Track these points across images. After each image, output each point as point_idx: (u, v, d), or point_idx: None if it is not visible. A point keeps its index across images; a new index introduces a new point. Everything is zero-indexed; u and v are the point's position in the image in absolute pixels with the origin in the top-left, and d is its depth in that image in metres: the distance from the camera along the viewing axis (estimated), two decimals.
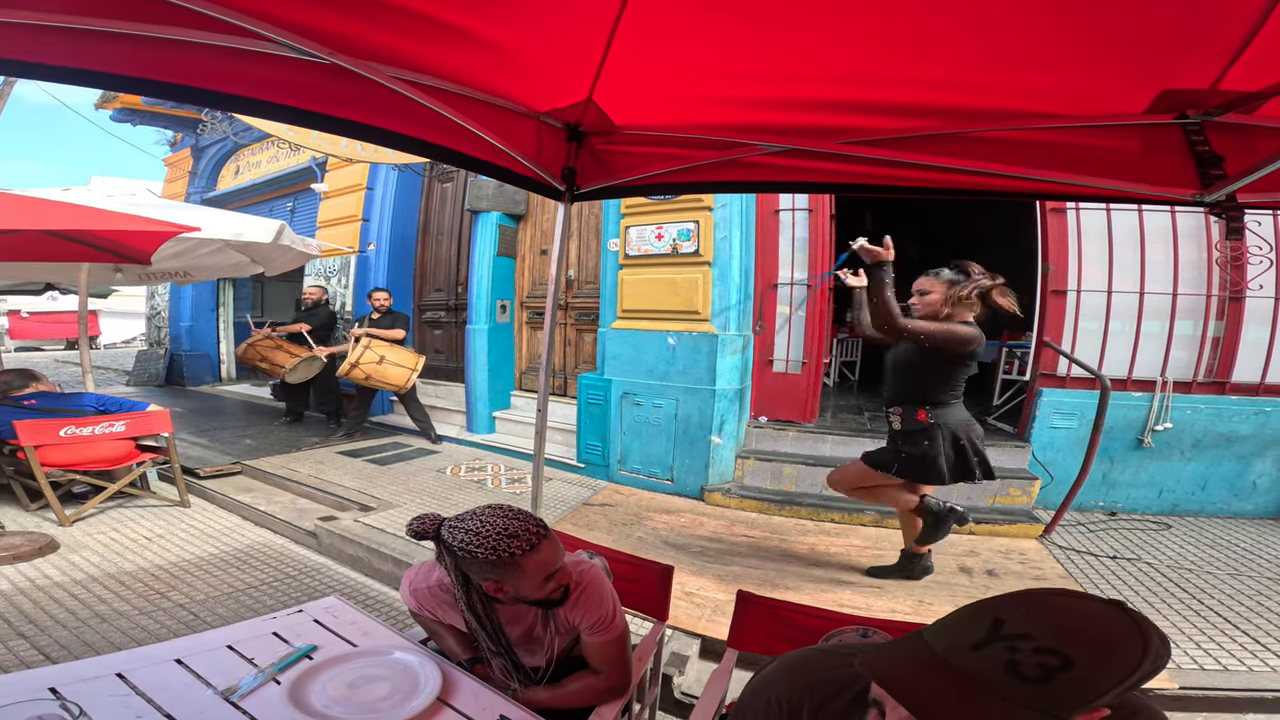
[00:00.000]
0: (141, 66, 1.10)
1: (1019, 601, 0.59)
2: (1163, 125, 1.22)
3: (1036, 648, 0.53)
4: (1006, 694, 0.52)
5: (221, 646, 1.09)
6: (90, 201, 3.10)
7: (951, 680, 0.55)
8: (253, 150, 7.91)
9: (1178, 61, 1.07)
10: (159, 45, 1.07)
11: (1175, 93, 1.14)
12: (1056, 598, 0.58)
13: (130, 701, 0.90)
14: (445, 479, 4.07)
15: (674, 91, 1.50)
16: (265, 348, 5.20)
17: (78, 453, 3.18)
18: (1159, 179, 1.31)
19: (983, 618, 0.58)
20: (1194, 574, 2.79)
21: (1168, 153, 1.26)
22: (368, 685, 1.04)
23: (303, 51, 1.14)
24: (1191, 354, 3.63)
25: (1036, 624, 0.55)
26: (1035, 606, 0.57)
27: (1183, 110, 1.18)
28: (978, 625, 0.57)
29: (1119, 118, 1.24)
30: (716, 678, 1.36)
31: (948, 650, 0.57)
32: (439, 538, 1.06)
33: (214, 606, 2.35)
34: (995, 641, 0.55)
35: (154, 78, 1.12)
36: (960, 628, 0.59)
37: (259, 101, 1.26)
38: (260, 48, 1.13)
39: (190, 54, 1.11)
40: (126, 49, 1.06)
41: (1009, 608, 0.58)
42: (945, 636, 0.59)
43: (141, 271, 4.47)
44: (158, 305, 9.07)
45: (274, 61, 1.18)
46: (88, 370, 4.08)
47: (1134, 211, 3.61)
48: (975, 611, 0.60)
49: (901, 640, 0.64)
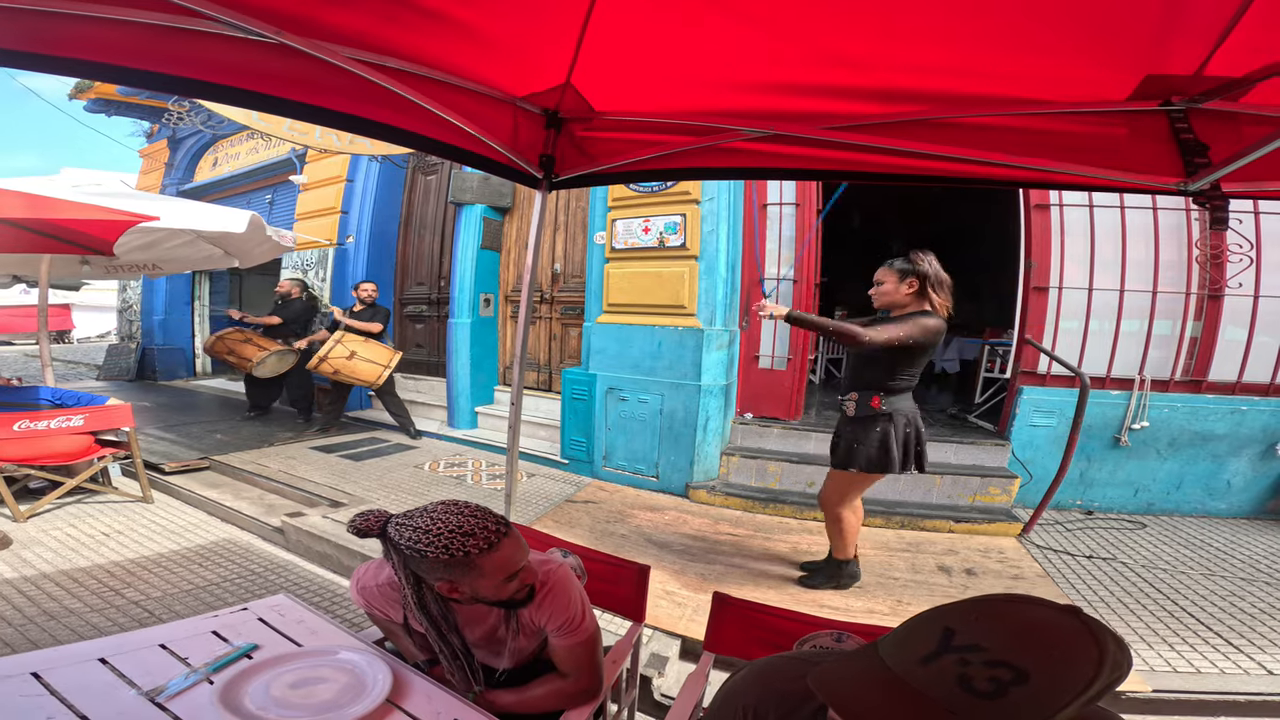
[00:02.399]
0: (86, 48, 1.05)
1: (970, 609, 0.55)
2: (1147, 112, 1.20)
3: (988, 660, 0.49)
4: (960, 711, 0.48)
5: (153, 645, 1.01)
6: (52, 191, 2.98)
7: (901, 696, 0.52)
8: (231, 142, 7.72)
9: (1162, 47, 1.05)
10: (101, 25, 1.02)
11: (1159, 78, 1.11)
12: (1008, 605, 0.55)
13: (44, 703, 0.83)
14: (423, 475, 3.97)
15: (654, 75, 1.47)
16: (233, 341, 5.06)
17: (33, 447, 3.05)
18: (1143, 167, 1.29)
19: (933, 627, 0.54)
20: (1168, 574, 2.81)
21: (1152, 140, 1.24)
22: (311, 686, 0.98)
23: (249, 31, 1.08)
24: (1169, 353, 3.66)
25: (988, 634, 0.51)
26: (986, 615, 0.54)
27: (1167, 97, 1.15)
28: (928, 636, 0.54)
29: (1103, 104, 1.21)
30: (693, 681, 1.32)
31: (899, 663, 0.54)
32: (385, 535, 1.00)
33: (170, 604, 2.26)
34: (946, 653, 0.51)
35: (100, 60, 1.07)
36: (911, 639, 0.56)
37: (211, 84, 1.20)
38: (207, 27, 1.06)
39: (135, 35, 1.05)
40: (74, 31, 1.01)
41: (959, 616, 0.54)
42: (897, 648, 0.56)
43: (109, 264, 4.32)
44: (129, 298, 8.82)
45: (224, 43, 1.12)
46: (47, 364, 3.93)
47: (1116, 209, 3.63)
48: (926, 620, 0.57)
49: (854, 653, 0.61)
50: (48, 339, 4.01)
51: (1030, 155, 1.34)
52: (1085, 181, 1.40)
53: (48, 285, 4.03)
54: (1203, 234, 3.54)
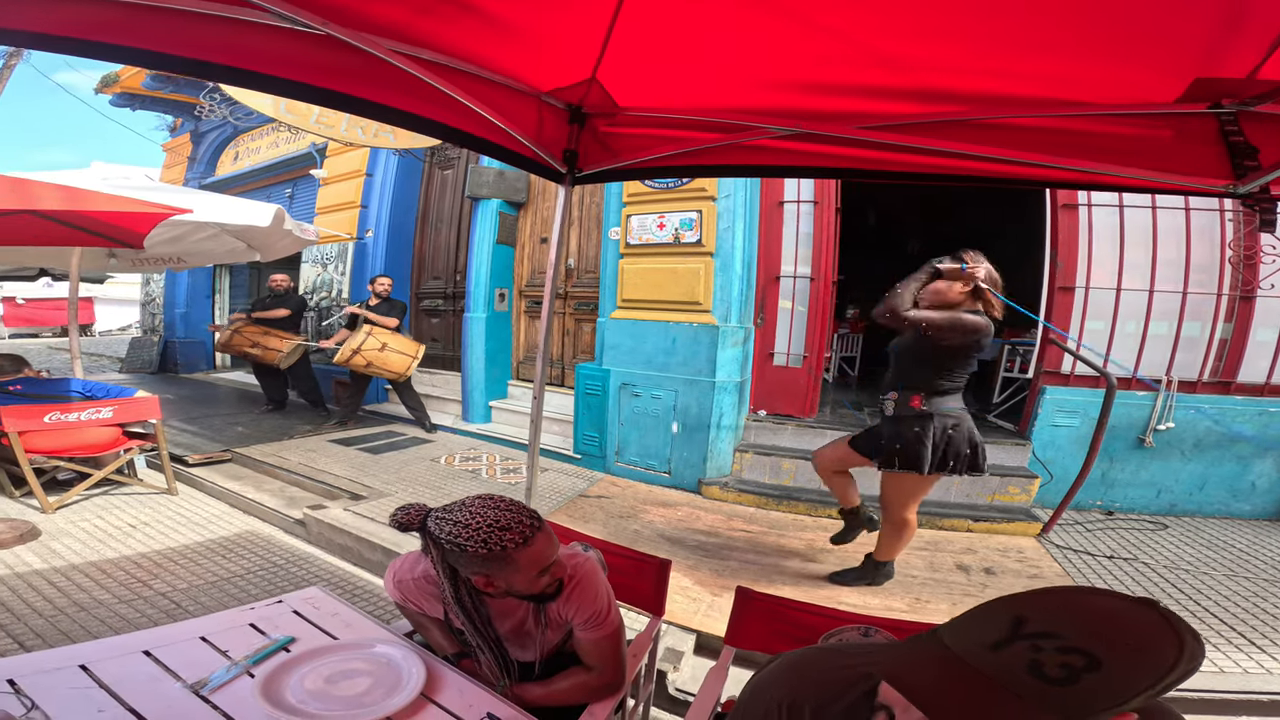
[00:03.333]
0: (137, 36, 1.07)
1: (1042, 599, 0.55)
2: (1196, 115, 1.18)
3: (1061, 647, 0.49)
4: (1028, 695, 0.48)
5: (194, 638, 1.04)
6: (85, 184, 3.03)
7: (969, 681, 0.51)
8: (252, 136, 7.79)
9: (1213, 50, 1.03)
10: (155, 14, 1.04)
11: (1210, 81, 1.09)
12: (1083, 595, 0.55)
13: (92, 695, 0.85)
14: (439, 468, 4.02)
15: (682, 72, 1.46)
16: (253, 334, 5.13)
17: (63, 439, 3.12)
18: (1190, 169, 1.27)
19: (1003, 616, 0.54)
20: (1191, 574, 2.77)
21: (1200, 143, 1.22)
22: (347, 679, 1.00)
23: (296, 21, 1.09)
24: (1198, 354, 3.59)
25: (1061, 622, 0.51)
26: (1060, 604, 0.53)
27: (1217, 100, 1.13)
28: (998, 623, 0.54)
29: (1149, 106, 1.19)
30: (713, 675, 1.32)
31: (965, 650, 0.53)
32: (425, 529, 1.01)
33: (197, 596, 2.30)
34: (1016, 641, 0.51)
35: (150, 48, 1.09)
36: (979, 626, 0.55)
37: (255, 74, 1.22)
38: (255, 17, 1.08)
39: (185, 23, 1.07)
40: (121, 17, 1.03)
41: (1031, 605, 0.54)
42: (962, 635, 0.55)
43: (135, 257, 4.38)
44: (152, 292, 8.97)
45: (270, 33, 1.14)
46: (76, 356, 4.01)
47: (1147, 209, 3.56)
48: (994, 609, 0.56)
49: (915, 639, 0.60)
50: (77, 332, 4.09)
51: (1072, 156, 1.32)
52: (1131, 184, 1.38)
53: (80, 278, 4.09)
54: (1236, 235, 3.46)
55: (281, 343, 5.12)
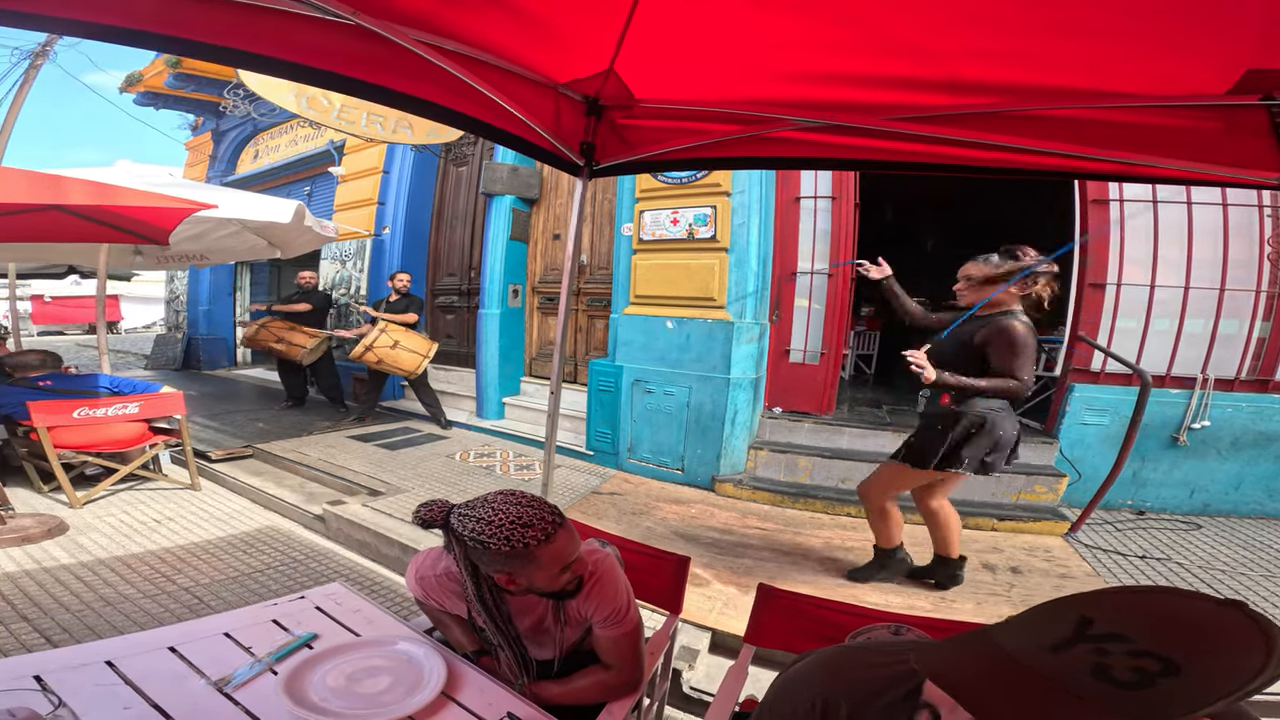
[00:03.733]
0: (172, 24, 1.08)
1: (1110, 598, 0.50)
2: (1246, 107, 1.13)
3: (1133, 650, 0.45)
4: (1093, 699, 0.45)
5: (218, 634, 1.04)
6: (112, 181, 3.08)
7: (1026, 683, 0.48)
8: (271, 134, 7.89)
9: (1267, 41, 0.98)
10: (194, 3, 1.06)
11: (1262, 73, 1.05)
12: (1158, 596, 0.50)
13: (118, 691, 0.85)
14: (454, 464, 4.04)
15: (701, 64, 1.44)
16: (279, 329, 5.20)
17: (90, 434, 3.18)
18: (1236, 161, 1.22)
19: (1066, 616, 0.50)
20: (1227, 575, 2.69)
21: (1249, 135, 1.17)
22: (369, 677, 0.99)
23: (327, 11, 1.11)
24: (1235, 352, 3.48)
25: (1132, 624, 0.47)
26: (1131, 605, 0.49)
27: (1269, 92, 1.08)
28: (1060, 624, 0.50)
29: (1197, 98, 1.15)
30: (733, 674, 1.30)
31: (1021, 650, 0.50)
32: (448, 526, 1.00)
33: (219, 590, 2.34)
34: (1081, 642, 0.47)
35: (185, 35, 1.10)
36: (1038, 626, 0.51)
37: (286, 63, 1.23)
38: (286, 6, 1.10)
39: (219, 11, 1.09)
40: (159, 6, 1.05)
41: (1098, 605, 0.50)
42: (1019, 635, 0.52)
43: (160, 254, 4.47)
44: (177, 289, 9.16)
45: (300, 21, 1.14)
46: (104, 352, 4.09)
47: (1182, 205, 3.44)
48: (1056, 609, 0.52)
49: (964, 638, 0.56)
50: (105, 329, 4.17)
51: (1112, 148, 1.27)
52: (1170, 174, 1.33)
53: (107, 275, 4.17)
54: (1275, 231, 3.33)
55: (307, 339, 5.19)
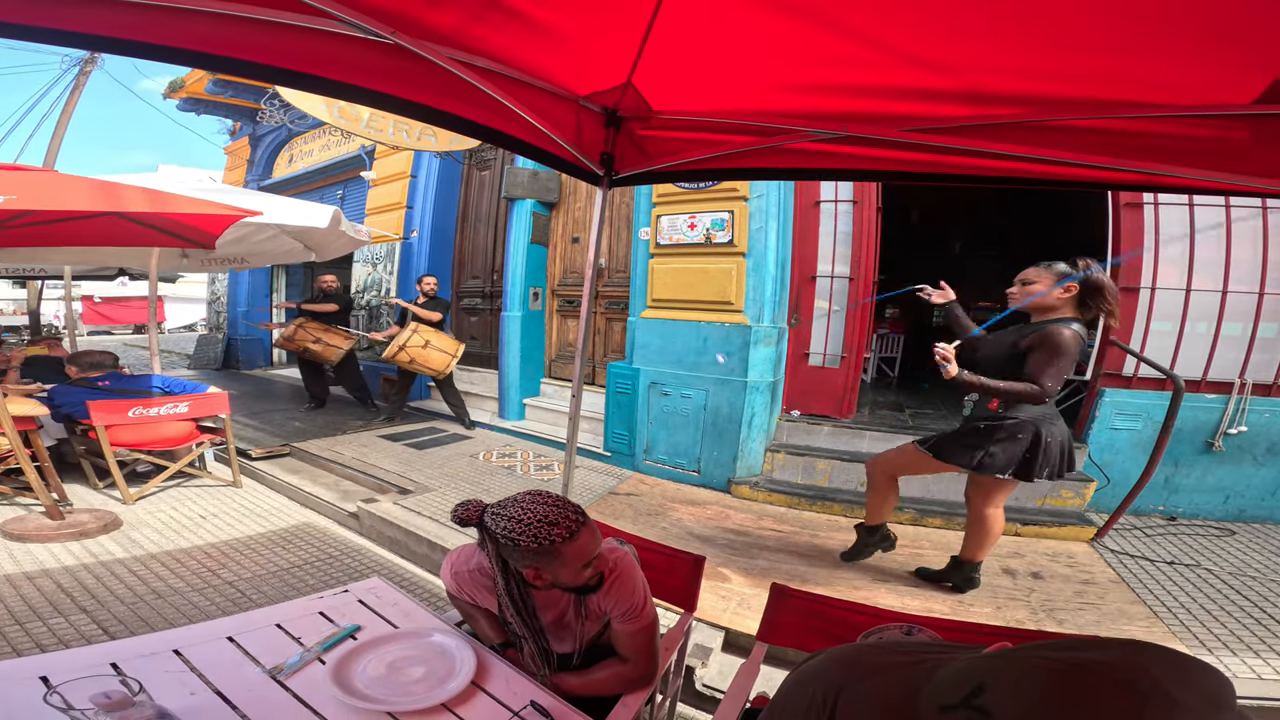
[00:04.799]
0: (221, 44, 1.15)
1: (1015, 670, 0.51)
2: (1274, 116, 1.11)
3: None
4: None
5: (270, 625, 1.14)
6: (159, 187, 3.24)
7: None
8: (305, 139, 8.14)
9: None
10: (238, 24, 1.12)
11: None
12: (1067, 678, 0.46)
13: (185, 678, 0.95)
14: (478, 464, 4.16)
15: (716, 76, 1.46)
16: (316, 330, 5.38)
17: (144, 433, 3.37)
18: (1265, 170, 1.20)
19: (972, 677, 0.52)
20: (1258, 581, 2.63)
21: (1277, 144, 1.15)
22: (407, 667, 1.07)
23: (369, 31, 1.17)
24: (1274, 356, 3.36)
25: (1009, 704, 0.48)
26: (1029, 681, 0.49)
27: None
28: (962, 685, 0.52)
29: (1224, 108, 1.13)
30: (745, 671, 1.34)
31: (928, 699, 0.53)
32: (482, 524, 1.08)
33: (260, 585, 2.47)
34: (963, 709, 0.49)
35: (233, 55, 1.18)
36: (953, 681, 0.54)
37: (327, 80, 1.30)
38: (329, 27, 1.16)
39: (266, 33, 1.15)
40: (207, 27, 1.11)
41: (1000, 674, 0.51)
42: (939, 685, 0.55)
43: (205, 257, 4.66)
44: (218, 291, 9.53)
45: (341, 41, 1.21)
46: (155, 353, 4.30)
47: (1220, 208, 3.34)
48: (971, 668, 0.54)
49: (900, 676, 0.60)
50: (156, 330, 4.39)
51: (1135, 159, 1.26)
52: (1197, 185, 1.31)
53: (157, 278, 4.38)
54: None
55: (342, 340, 5.39)
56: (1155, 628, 2.24)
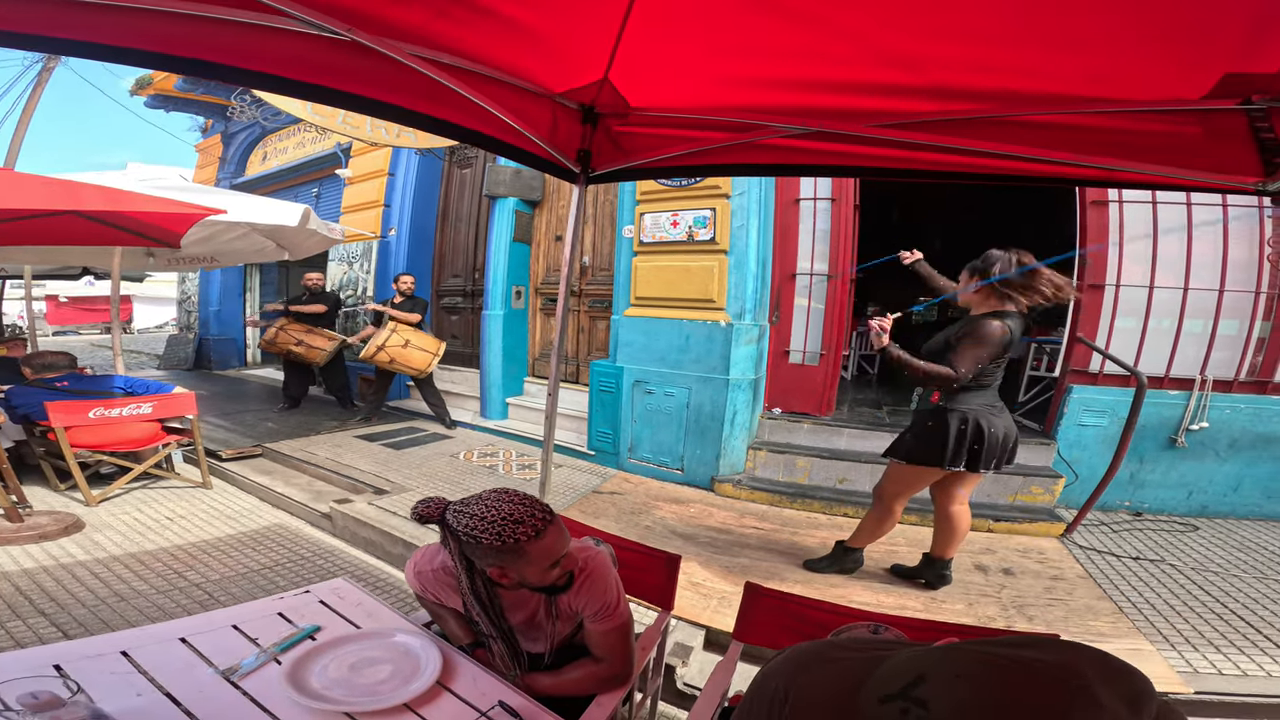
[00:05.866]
0: (175, 44, 1.12)
1: (955, 663, 0.52)
2: (1225, 111, 1.14)
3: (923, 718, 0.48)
4: None
5: (227, 626, 1.10)
6: (124, 185, 3.15)
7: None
8: (280, 136, 7.99)
9: (1244, 45, 1.00)
10: (191, 23, 1.08)
11: (1240, 77, 1.06)
12: (1011, 667, 0.49)
13: (132, 679, 0.91)
14: (459, 464, 4.10)
15: (692, 72, 1.47)
16: (298, 332, 5.27)
17: (106, 434, 3.27)
18: (1218, 166, 1.23)
19: (913, 668, 0.53)
20: (1219, 576, 2.71)
21: (1229, 139, 1.18)
22: (369, 667, 1.05)
23: (321, 27, 1.13)
24: (1234, 353, 3.47)
25: (949, 695, 0.49)
26: (966, 674, 0.50)
27: (1247, 95, 1.09)
28: (904, 675, 0.53)
29: (1176, 103, 1.15)
30: (721, 669, 1.34)
31: (870, 690, 0.55)
32: (444, 522, 1.05)
33: (228, 586, 2.41)
34: (900, 700, 0.50)
35: (188, 55, 1.14)
36: (897, 671, 0.55)
37: (285, 79, 1.27)
38: (282, 24, 1.12)
39: (222, 32, 1.12)
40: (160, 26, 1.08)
41: (940, 665, 0.52)
42: (881, 676, 0.56)
43: (171, 256, 4.55)
44: (188, 290, 9.30)
45: (297, 38, 1.18)
46: (119, 353, 4.18)
47: (1182, 206, 3.44)
48: (913, 660, 0.56)
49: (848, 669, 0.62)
50: (119, 329, 4.26)
51: (1097, 154, 1.28)
52: (1155, 180, 1.34)
53: (120, 277, 4.26)
54: (1276, 232, 3.33)
55: (326, 341, 5.28)
56: (1120, 623, 2.28)
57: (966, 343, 2.12)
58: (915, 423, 2.35)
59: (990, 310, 2.16)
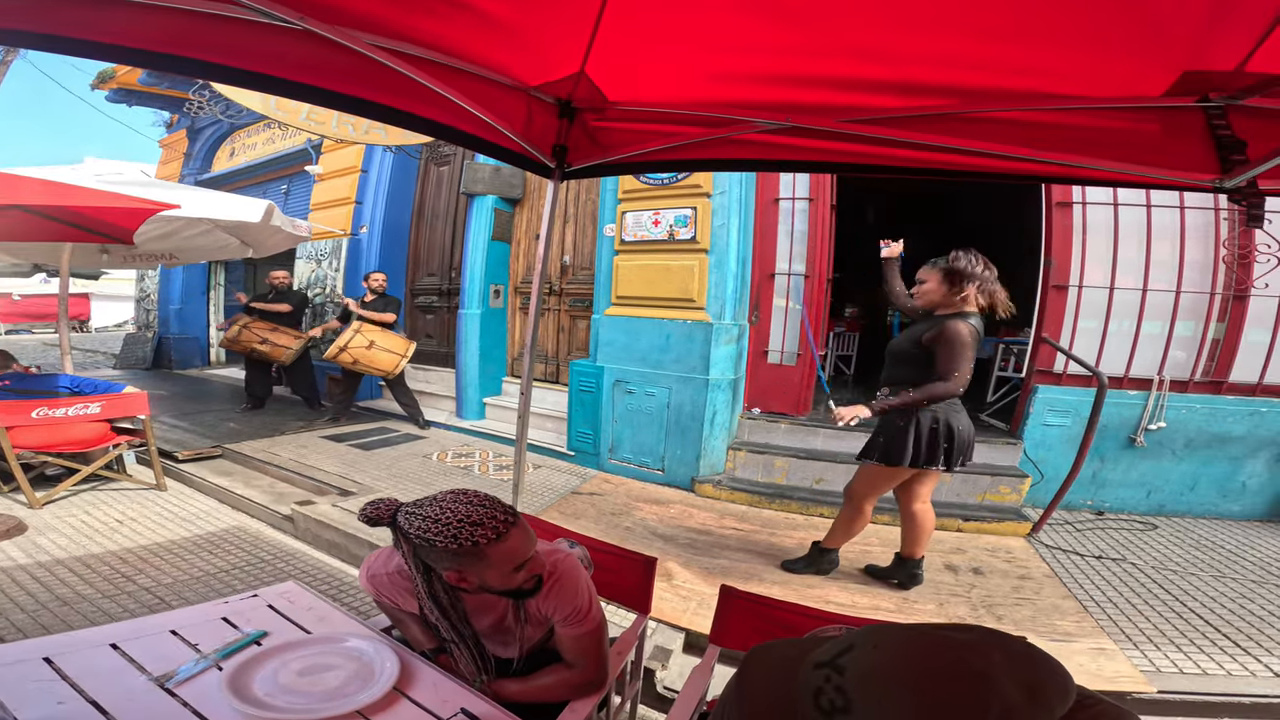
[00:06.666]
0: (109, 32, 1.05)
1: (879, 634, 0.54)
2: (1183, 108, 1.16)
3: (839, 685, 0.51)
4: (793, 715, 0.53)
5: (164, 631, 1.02)
6: (75, 180, 3.00)
7: (784, 689, 0.56)
8: (249, 132, 7.76)
9: (1202, 42, 1.02)
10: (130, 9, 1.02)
11: (1198, 74, 1.08)
12: (925, 641, 0.52)
13: (55, 688, 0.84)
14: (431, 465, 4.00)
15: (668, 65, 1.45)
16: (262, 330, 5.09)
17: (50, 434, 3.10)
18: (1176, 163, 1.26)
19: (848, 639, 0.56)
20: (1178, 575, 2.77)
21: (1187, 136, 1.21)
22: (320, 673, 0.98)
23: (273, 16, 1.08)
24: (1190, 353, 3.59)
25: (863, 660, 0.52)
26: (884, 645, 0.53)
27: (1205, 93, 1.12)
28: (839, 645, 0.55)
29: (1137, 100, 1.18)
30: (698, 673, 1.32)
31: (812, 657, 0.56)
32: (395, 525, 1.00)
33: (181, 591, 2.29)
34: (827, 667, 0.53)
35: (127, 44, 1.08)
36: (837, 643, 0.57)
37: (232, 69, 1.20)
38: (231, 12, 1.07)
39: (161, 18, 1.06)
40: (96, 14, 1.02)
41: (866, 637, 0.55)
42: (825, 646, 0.57)
43: (127, 253, 4.37)
44: (147, 288, 8.94)
45: (251, 29, 1.12)
46: (66, 352, 3.97)
47: (1142, 208, 3.55)
48: (851, 633, 0.58)
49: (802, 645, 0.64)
50: (67, 328, 4.06)
51: (1059, 150, 1.31)
52: (1115, 177, 1.37)
53: (69, 274, 4.06)
54: (1231, 233, 3.46)
55: (291, 340, 5.11)
56: (1085, 622, 2.32)
57: (946, 350, 2.14)
58: (886, 424, 2.36)
59: (954, 311, 2.20)
